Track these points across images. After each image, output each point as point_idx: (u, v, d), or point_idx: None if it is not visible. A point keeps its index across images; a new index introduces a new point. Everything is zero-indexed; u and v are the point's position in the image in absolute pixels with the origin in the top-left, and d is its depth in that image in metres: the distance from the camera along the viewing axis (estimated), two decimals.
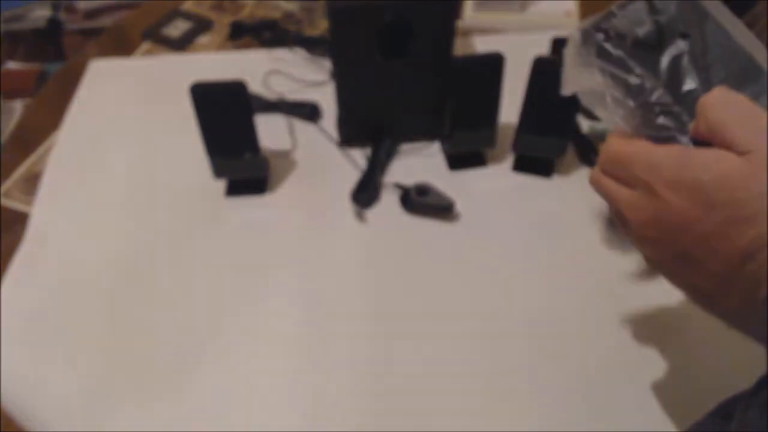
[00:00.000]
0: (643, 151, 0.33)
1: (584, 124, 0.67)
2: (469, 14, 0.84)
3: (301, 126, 0.70)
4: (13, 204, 0.65)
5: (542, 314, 0.53)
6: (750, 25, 0.36)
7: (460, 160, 0.65)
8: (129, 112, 0.73)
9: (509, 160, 0.65)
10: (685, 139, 0.33)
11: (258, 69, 0.75)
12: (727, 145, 0.31)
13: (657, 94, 0.35)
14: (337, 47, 0.60)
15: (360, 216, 0.60)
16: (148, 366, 0.50)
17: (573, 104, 0.53)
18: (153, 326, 0.53)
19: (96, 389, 0.49)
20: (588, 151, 0.65)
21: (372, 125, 0.66)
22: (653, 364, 0.49)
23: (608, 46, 0.36)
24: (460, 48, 0.71)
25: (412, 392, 0.48)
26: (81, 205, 0.63)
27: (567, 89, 0.39)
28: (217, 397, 0.48)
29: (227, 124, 0.57)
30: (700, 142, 0.33)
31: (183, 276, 0.56)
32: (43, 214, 0.62)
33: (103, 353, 0.51)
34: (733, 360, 0.47)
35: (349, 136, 0.67)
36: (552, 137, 0.60)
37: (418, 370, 0.50)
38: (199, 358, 0.50)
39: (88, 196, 0.64)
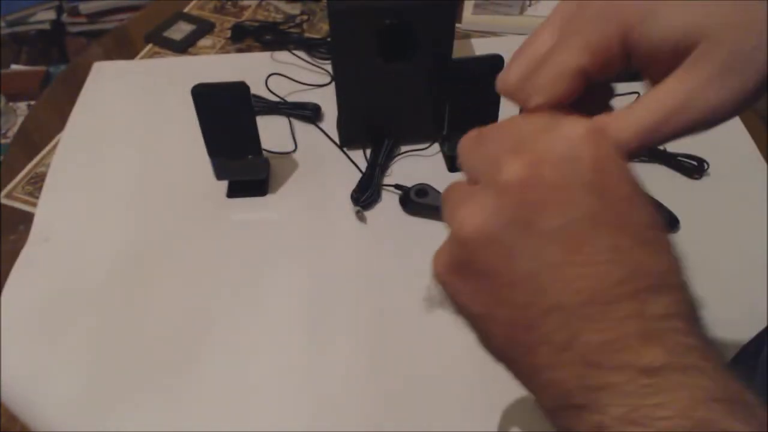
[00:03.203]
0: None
1: None
2: (468, 17, 0.85)
3: (302, 127, 0.71)
4: (18, 204, 0.65)
5: None
6: None
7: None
8: (132, 114, 0.74)
9: None
10: None
11: (259, 71, 0.75)
12: None
13: None
14: (337, 49, 0.60)
15: (360, 217, 0.61)
16: (149, 366, 0.51)
17: None
18: (155, 327, 0.53)
19: (98, 388, 0.49)
20: None
21: (372, 127, 0.66)
22: None
23: None
24: (458, 50, 0.72)
25: (412, 391, 0.49)
26: (84, 206, 0.63)
27: None
28: (219, 397, 0.49)
29: (229, 125, 0.57)
30: None
31: (184, 277, 0.57)
32: (47, 215, 0.63)
33: (106, 353, 0.52)
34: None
35: (349, 138, 0.68)
36: None
37: (419, 369, 0.50)
38: (201, 359, 0.51)
39: (91, 197, 0.64)
